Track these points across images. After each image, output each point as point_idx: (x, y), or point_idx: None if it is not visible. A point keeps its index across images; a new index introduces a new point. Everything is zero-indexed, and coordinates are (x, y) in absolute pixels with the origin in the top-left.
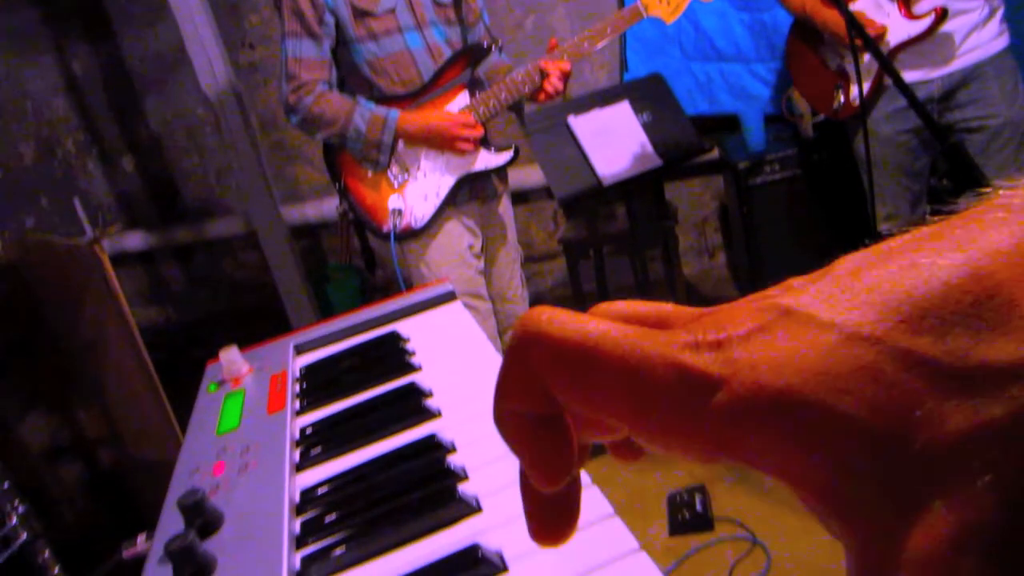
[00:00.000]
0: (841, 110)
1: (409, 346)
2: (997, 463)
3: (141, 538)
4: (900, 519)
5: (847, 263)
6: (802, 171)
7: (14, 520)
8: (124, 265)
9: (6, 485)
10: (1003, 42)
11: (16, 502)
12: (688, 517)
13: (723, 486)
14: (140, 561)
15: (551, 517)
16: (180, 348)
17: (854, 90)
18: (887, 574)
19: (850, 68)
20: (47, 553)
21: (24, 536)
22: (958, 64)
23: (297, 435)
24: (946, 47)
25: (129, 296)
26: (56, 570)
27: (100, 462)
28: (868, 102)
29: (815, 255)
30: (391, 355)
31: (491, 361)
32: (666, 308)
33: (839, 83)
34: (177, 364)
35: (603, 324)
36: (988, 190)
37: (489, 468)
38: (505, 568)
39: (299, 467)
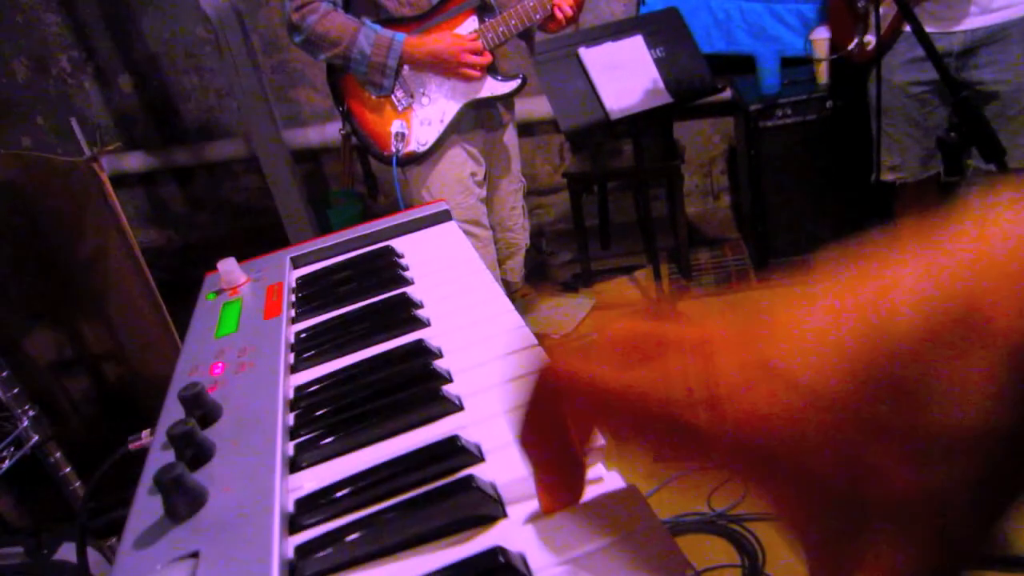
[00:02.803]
0: (857, 51)
1: (403, 261)
2: (931, 516)
3: (145, 433)
4: (850, 554)
5: (823, 279)
6: (815, 117)
7: (25, 422)
8: (124, 186)
9: (16, 390)
10: None
11: (27, 407)
12: None
13: None
14: (145, 451)
15: (559, 497)
16: (180, 268)
17: (868, 36)
18: None
19: (882, 10)
20: (58, 454)
21: (35, 438)
22: (984, 20)
23: (292, 339)
24: (973, 1)
25: (129, 217)
26: (67, 469)
27: (104, 375)
28: (884, 47)
29: (819, 201)
30: (385, 269)
31: (480, 279)
32: (666, 331)
33: (861, 24)
34: (178, 284)
35: (609, 369)
36: (959, 203)
37: (473, 372)
38: (482, 459)
39: (293, 368)
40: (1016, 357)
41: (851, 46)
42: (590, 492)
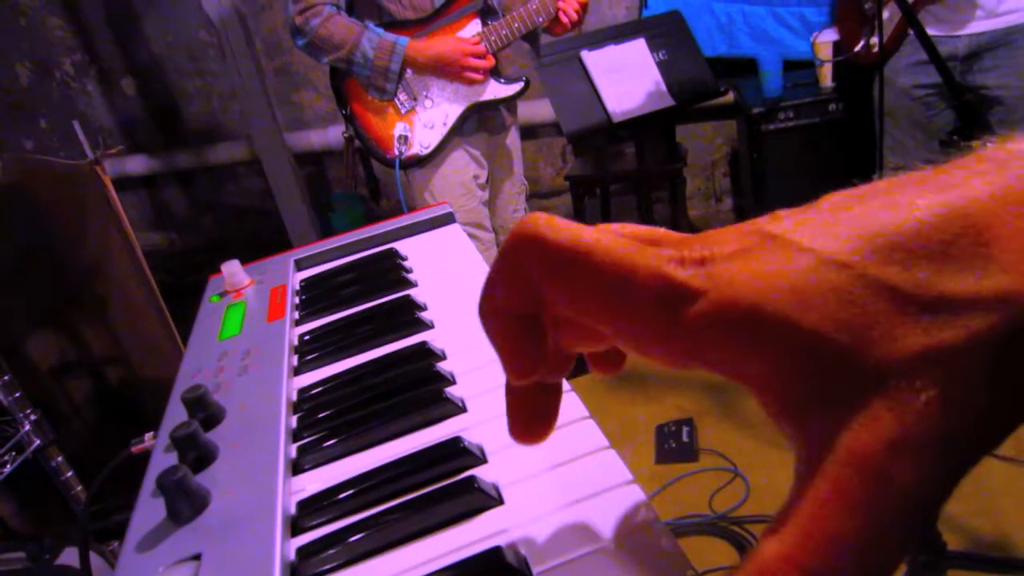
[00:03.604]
0: (864, 53)
1: (406, 264)
2: (942, 380)
3: (148, 436)
4: (844, 416)
5: (833, 197)
6: (817, 120)
7: (27, 426)
8: (126, 189)
9: (18, 394)
10: None
11: (29, 411)
12: (674, 447)
13: (710, 420)
14: (147, 455)
15: (528, 417)
16: (183, 271)
17: (875, 38)
18: (826, 467)
19: (886, 14)
20: (60, 458)
21: (37, 443)
22: (989, 24)
23: (296, 341)
24: (979, 4)
25: (132, 220)
26: (69, 474)
27: (106, 378)
28: (889, 50)
29: None
30: (388, 271)
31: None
32: (659, 231)
33: (867, 26)
34: (180, 286)
35: (597, 233)
36: (977, 144)
37: (476, 374)
38: (485, 460)
39: (297, 370)
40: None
41: (857, 48)
42: (584, 466)
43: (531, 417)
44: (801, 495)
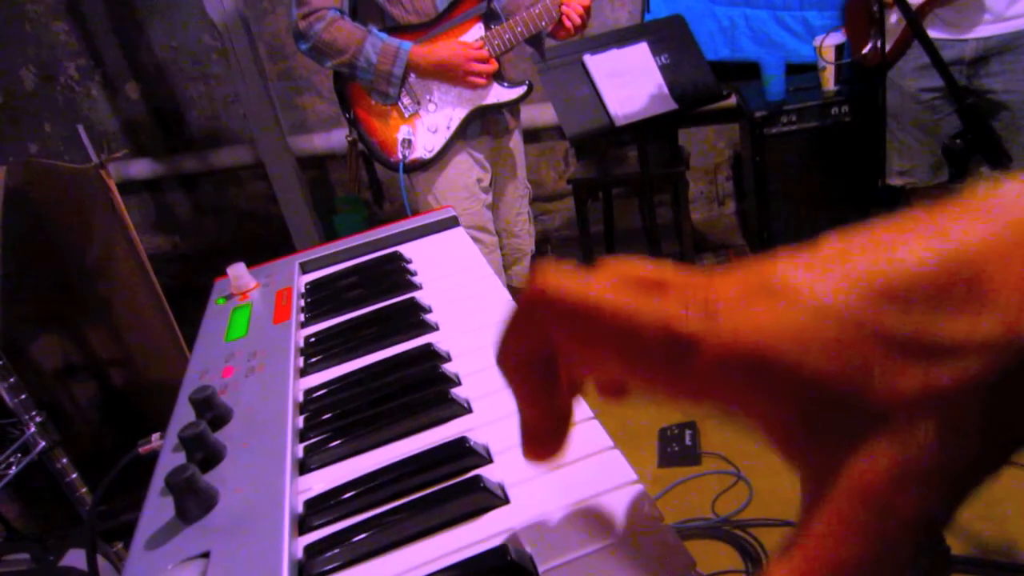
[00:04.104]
0: (870, 55)
1: (411, 267)
2: (940, 417)
3: (155, 436)
4: (847, 449)
5: (832, 242)
6: (819, 124)
7: (32, 428)
8: (130, 193)
9: (23, 396)
10: None
11: (34, 412)
12: (677, 450)
13: (712, 423)
14: (155, 455)
15: (540, 438)
16: (186, 274)
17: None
18: (831, 497)
19: (893, 17)
20: (65, 460)
21: (42, 444)
22: (997, 29)
23: (301, 343)
24: (987, 8)
25: (136, 224)
26: (74, 475)
27: (111, 380)
28: (896, 53)
29: (825, 208)
30: (393, 273)
31: (488, 283)
32: (666, 272)
33: (875, 28)
34: (184, 290)
35: (604, 286)
36: (971, 183)
37: (481, 375)
38: (490, 460)
39: (303, 372)
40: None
41: (865, 50)
42: (589, 466)
43: (543, 439)
44: (808, 524)
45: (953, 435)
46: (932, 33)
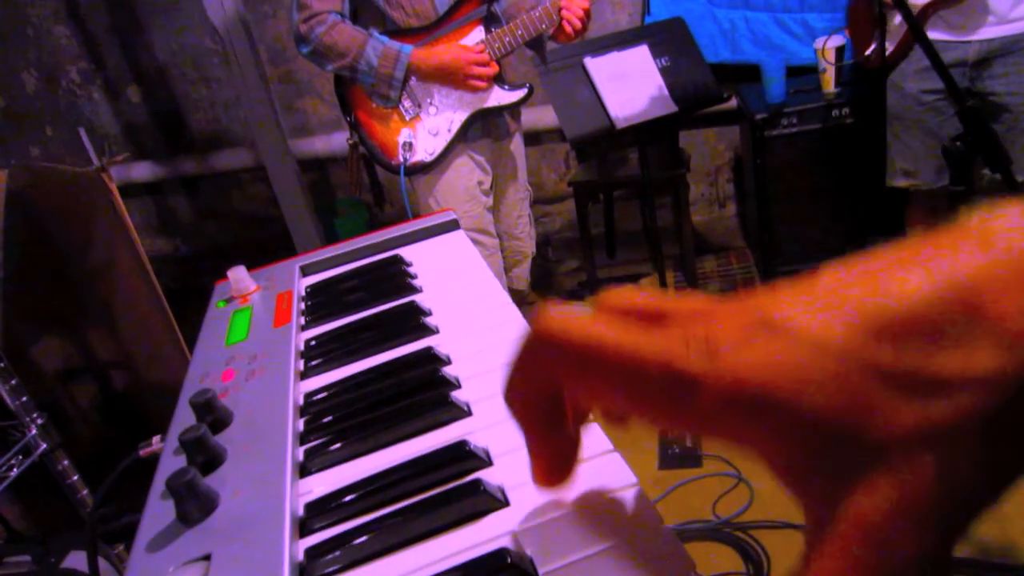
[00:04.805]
0: (873, 57)
1: (411, 270)
2: (936, 453)
3: (156, 439)
4: (847, 485)
5: (829, 276)
6: (820, 126)
7: (34, 430)
8: (132, 196)
9: (24, 398)
10: None
11: (35, 414)
12: (678, 452)
13: None
14: (155, 458)
15: (550, 466)
16: (188, 277)
17: (886, 42)
18: (833, 531)
19: (897, 18)
20: (66, 462)
21: (44, 446)
22: (1000, 31)
23: (302, 346)
24: (990, 10)
25: (137, 227)
26: (75, 477)
27: (112, 382)
28: (899, 55)
29: (825, 210)
30: (393, 276)
31: (488, 286)
32: (666, 303)
33: (879, 30)
34: (185, 292)
35: (606, 324)
36: (966, 214)
37: (481, 378)
38: (490, 463)
39: (303, 375)
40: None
41: (868, 51)
42: (589, 470)
43: (553, 469)
44: (811, 557)
45: (951, 470)
46: (935, 35)
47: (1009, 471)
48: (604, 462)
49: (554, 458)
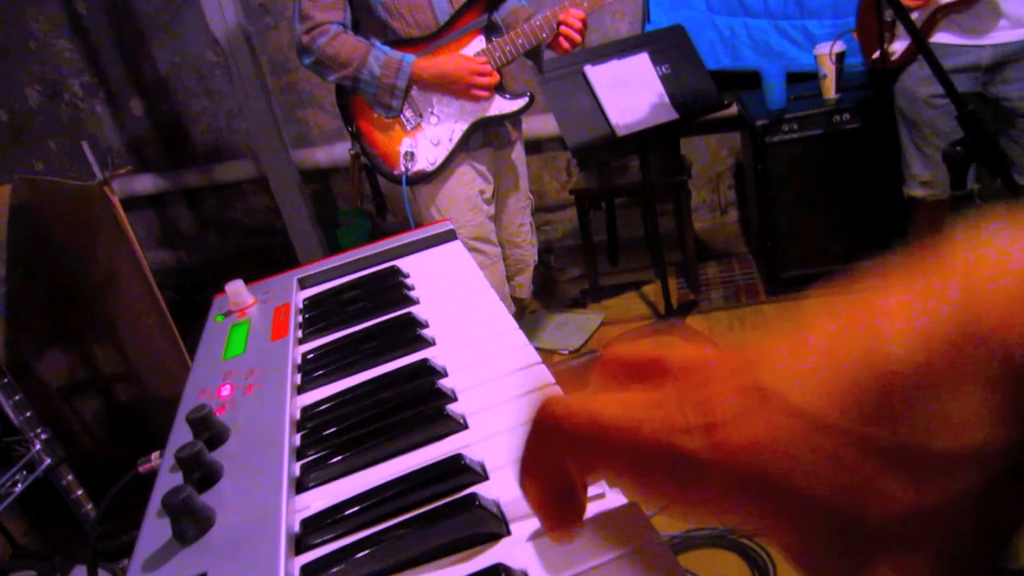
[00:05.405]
0: (880, 61)
1: (408, 281)
2: (934, 534)
3: (155, 455)
4: (852, 567)
5: (819, 327)
6: (821, 132)
7: (38, 446)
8: (134, 208)
9: (28, 413)
10: None
11: (39, 430)
12: None
13: None
14: (154, 474)
15: (560, 527)
16: (191, 289)
17: (895, 45)
18: None
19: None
20: (70, 477)
21: (48, 461)
22: (1014, 35)
23: (299, 360)
24: (1003, 13)
25: (140, 239)
26: (79, 492)
27: (116, 396)
28: (906, 61)
29: (826, 216)
30: (390, 288)
31: (485, 297)
32: (667, 357)
33: (887, 33)
34: (188, 304)
35: (606, 403)
36: (950, 245)
37: (477, 391)
38: (486, 477)
39: (300, 389)
40: (1013, 376)
41: (875, 55)
42: (592, 509)
43: (563, 525)
44: None
45: (952, 543)
46: (946, 38)
47: (1009, 532)
48: None
49: (564, 520)
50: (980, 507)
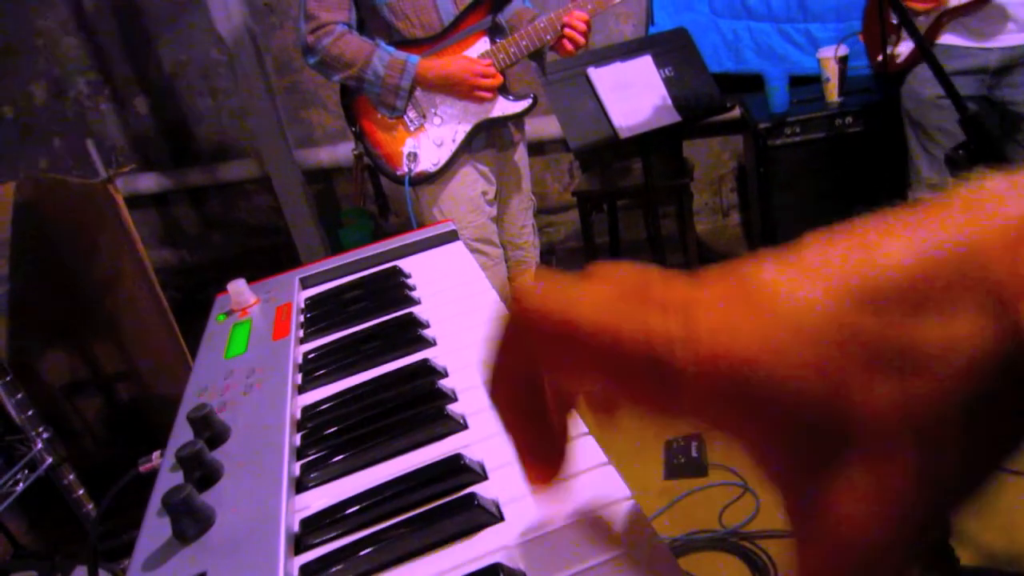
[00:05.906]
0: (886, 63)
1: (410, 281)
2: (916, 435)
3: (156, 454)
4: (827, 481)
5: (813, 244)
6: (824, 135)
7: (39, 445)
8: (138, 207)
9: (30, 412)
10: None
11: (41, 428)
12: (683, 462)
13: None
14: (155, 473)
15: (537, 463)
16: (194, 288)
17: (900, 47)
18: (813, 532)
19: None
20: (72, 476)
21: (49, 460)
22: (1022, 39)
23: (300, 360)
24: (1011, 17)
25: (143, 238)
26: (80, 492)
27: (118, 395)
28: (912, 62)
29: (828, 219)
30: (391, 289)
31: (486, 297)
32: (651, 276)
33: (892, 36)
34: (191, 303)
35: (586, 304)
36: (956, 184)
37: (477, 391)
38: (485, 477)
39: (301, 388)
40: (1008, 319)
41: (880, 57)
42: (583, 483)
43: (541, 462)
44: (796, 557)
45: (929, 460)
46: (953, 40)
47: (990, 461)
48: (598, 475)
49: (539, 450)
50: (966, 419)
